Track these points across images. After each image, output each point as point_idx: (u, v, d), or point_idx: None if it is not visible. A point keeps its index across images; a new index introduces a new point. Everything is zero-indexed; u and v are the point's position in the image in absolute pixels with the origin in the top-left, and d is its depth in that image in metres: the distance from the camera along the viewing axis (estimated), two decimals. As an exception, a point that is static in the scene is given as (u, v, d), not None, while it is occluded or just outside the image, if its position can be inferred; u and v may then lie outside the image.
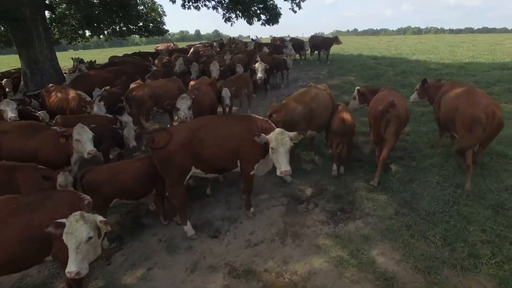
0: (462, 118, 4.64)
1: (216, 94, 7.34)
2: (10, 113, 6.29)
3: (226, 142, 4.30)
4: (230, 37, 22.62)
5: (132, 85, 8.26)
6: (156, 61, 13.33)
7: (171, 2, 14.77)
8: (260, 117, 4.63)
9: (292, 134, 4.17)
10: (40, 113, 6.86)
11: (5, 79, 9.94)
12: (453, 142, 6.01)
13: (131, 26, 14.99)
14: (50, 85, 8.04)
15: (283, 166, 4.00)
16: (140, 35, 16.54)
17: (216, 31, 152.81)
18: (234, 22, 16.99)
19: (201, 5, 16.36)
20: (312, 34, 20.19)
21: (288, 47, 14.84)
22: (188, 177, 4.32)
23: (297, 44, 16.56)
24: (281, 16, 16.69)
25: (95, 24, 11.24)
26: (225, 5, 16.13)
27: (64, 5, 9.92)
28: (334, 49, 20.23)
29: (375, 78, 11.93)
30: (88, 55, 28.89)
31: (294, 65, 14.18)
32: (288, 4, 17.46)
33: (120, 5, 11.08)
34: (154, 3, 17.17)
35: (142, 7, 16.50)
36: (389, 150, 5.10)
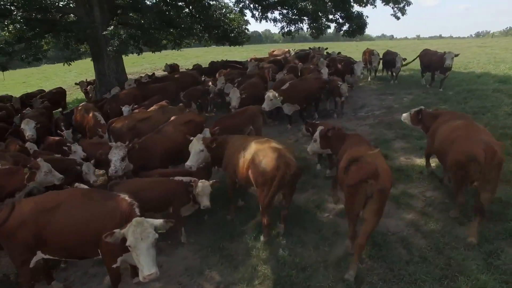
0: (456, 153, 4.39)
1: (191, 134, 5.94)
2: (28, 132, 7.36)
3: (81, 228, 3.57)
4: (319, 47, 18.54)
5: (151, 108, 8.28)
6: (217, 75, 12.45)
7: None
8: (127, 197, 3.77)
9: (157, 222, 3.33)
10: (64, 133, 7.87)
11: (13, 97, 11.98)
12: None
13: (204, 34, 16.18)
14: (83, 103, 9.51)
15: (145, 268, 3.09)
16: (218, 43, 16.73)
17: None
18: (295, 35, 16.08)
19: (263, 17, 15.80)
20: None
21: (355, 68, 11.71)
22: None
23: (388, 59, 13.80)
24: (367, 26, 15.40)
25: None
26: (289, 15, 14.56)
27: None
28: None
29: (476, 113, 8.92)
30: (180, 56, 31.27)
31: (377, 86, 13.26)
32: (389, 9, 15.40)
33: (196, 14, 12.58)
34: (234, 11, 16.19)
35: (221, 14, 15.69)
36: (368, 234, 3.92)
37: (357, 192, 3.79)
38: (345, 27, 14.91)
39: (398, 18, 15.55)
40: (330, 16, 14.39)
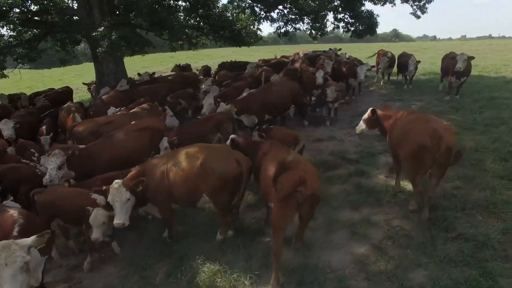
0: (407, 143, 4.56)
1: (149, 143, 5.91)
2: (6, 131, 7.47)
3: None
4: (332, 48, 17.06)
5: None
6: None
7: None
8: (15, 214, 3.56)
9: (30, 240, 3.06)
10: (42, 138, 7.81)
11: (22, 95, 12.21)
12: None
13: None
14: (68, 103, 9.47)
15: None
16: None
17: (394, 30, 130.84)
18: (291, 35, 15.14)
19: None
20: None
21: (358, 72, 10.74)
22: None
23: (401, 62, 12.63)
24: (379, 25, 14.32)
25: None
26: (288, 14, 13.90)
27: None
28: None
29: (488, 126, 7.90)
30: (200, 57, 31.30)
31: (388, 91, 12.41)
32: (408, 7, 14.36)
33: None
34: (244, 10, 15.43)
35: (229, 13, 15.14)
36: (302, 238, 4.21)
37: (288, 204, 3.62)
38: (354, 27, 13.75)
39: (418, 16, 14.27)
40: (339, 16, 13.31)
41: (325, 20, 13.30)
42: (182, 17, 12.34)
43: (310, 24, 13.36)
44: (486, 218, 4.62)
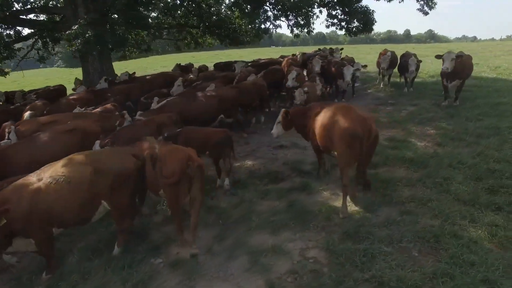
0: (340, 133, 4.58)
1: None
2: None
3: None
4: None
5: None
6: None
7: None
8: None
9: None
10: (1, 142, 6.91)
11: (16, 92, 12.06)
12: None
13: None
14: (34, 102, 9.37)
15: None
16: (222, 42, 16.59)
17: (430, 31, 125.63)
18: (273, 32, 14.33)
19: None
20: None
21: (344, 72, 9.85)
22: None
23: (401, 62, 11.49)
24: (375, 22, 13.26)
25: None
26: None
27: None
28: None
29: (479, 136, 6.87)
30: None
31: (385, 94, 11.49)
32: (415, 3, 13.26)
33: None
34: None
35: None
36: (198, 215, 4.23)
37: (180, 183, 3.92)
38: (352, 24, 12.61)
39: (426, 13, 12.93)
40: (332, 12, 12.27)
41: (312, 17, 12.28)
42: (161, 16, 12.00)
43: (296, 22, 12.41)
44: (422, 255, 3.72)
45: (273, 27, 13.51)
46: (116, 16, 9.75)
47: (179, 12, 12.53)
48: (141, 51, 19.09)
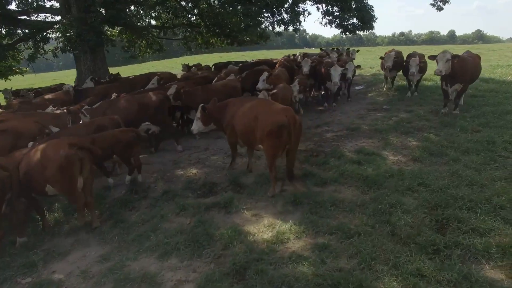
0: (266, 126, 4.59)
1: None
2: None
3: None
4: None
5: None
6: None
7: None
8: None
9: None
10: None
11: (21, 90, 12.00)
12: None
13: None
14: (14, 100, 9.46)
15: None
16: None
17: (478, 31, 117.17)
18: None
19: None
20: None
21: (332, 73, 8.95)
22: None
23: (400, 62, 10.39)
24: (376, 20, 12.14)
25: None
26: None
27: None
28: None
29: (465, 152, 5.71)
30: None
31: (384, 98, 10.36)
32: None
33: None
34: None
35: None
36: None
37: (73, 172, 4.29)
38: (347, 22, 11.38)
39: (440, 8, 11.45)
40: (326, 8, 11.20)
41: (301, 14, 11.28)
42: (143, 13, 11.73)
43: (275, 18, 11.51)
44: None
45: (268, 26, 12.56)
46: (94, 15, 9.59)
47: (168, 12, 12.21)
48: (154, 51, 19.33)
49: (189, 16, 13.86)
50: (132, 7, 13.31)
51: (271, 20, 11.97)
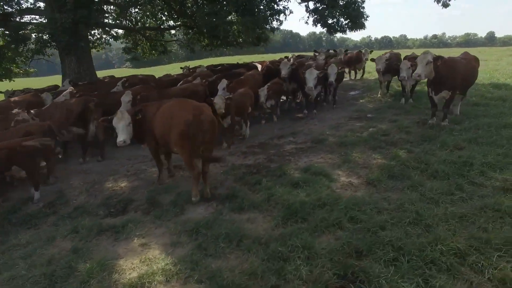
0: (178, 126, 4.47)
1: None
2: None
3: None
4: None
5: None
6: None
7: None
8: None
9: None
10: None
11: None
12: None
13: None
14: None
15: None
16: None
17: None
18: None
19: None
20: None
21: (306, 77, 8.16)
22: None
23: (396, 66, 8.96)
24: (368, 19, 11.11)
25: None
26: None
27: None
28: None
29: (432, 178, 4.43)
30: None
31: (374, 105, 9.42)
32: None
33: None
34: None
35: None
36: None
37: None
38: (332, 20, 10.28)
39: (446, 5, 10.06)
40: (313, 4, 10.13)
41: (282, 13, 10.28)
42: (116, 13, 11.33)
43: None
44: None
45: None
46: (66, 15, 9.31)
47: (154, 12, 11.79)
48: (159, 53, 19.18)
49: (175, 17, 13.33)
50: (111, 7, 13.08)
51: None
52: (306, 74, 8.15)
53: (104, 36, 16.77)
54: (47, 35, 9.34)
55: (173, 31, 18.49)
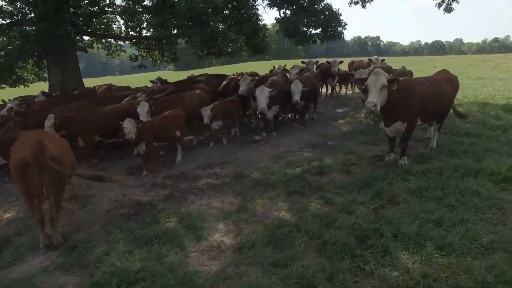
0: (12, 163, 3.92)
1: None
2: None
3: None
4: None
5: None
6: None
7: None
8: None
9: None
10: None
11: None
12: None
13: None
14: None
15: None
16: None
17: None
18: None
19: None
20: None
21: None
22: None
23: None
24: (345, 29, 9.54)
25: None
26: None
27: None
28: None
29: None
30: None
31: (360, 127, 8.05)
32: None
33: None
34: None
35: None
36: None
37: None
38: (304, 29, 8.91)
39: (449, 9, 8.33)
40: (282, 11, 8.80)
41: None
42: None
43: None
44: None
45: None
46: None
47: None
48: (171, 61, 19.12)
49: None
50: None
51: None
52: (256, 92, 7.07)
53: (114, 43, 17.13)
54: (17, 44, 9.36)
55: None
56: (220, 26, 10.14)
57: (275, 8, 9.57)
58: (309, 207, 4.21)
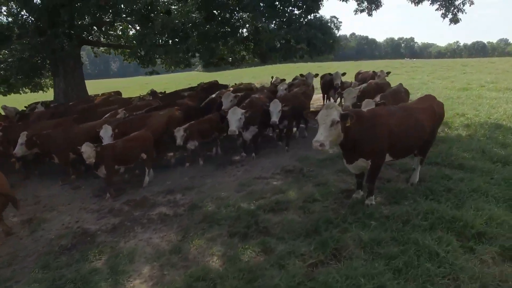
0: None
1: None
2: None
3: None
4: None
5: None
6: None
7: None
8: None
9: None
10: None
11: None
12: None
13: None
14: None
15: None
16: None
17: None
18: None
19: None
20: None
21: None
22: None
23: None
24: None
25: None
26: None
27: None
28: None
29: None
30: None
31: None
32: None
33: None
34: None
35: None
36: None
37: None
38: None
39: (455, 20, 7.52)
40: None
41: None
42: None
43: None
44: None
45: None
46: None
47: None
48: (185, 67, 19.36)
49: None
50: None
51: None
52: (228, 114, 6.71)
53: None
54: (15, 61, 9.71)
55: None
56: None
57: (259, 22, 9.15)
58: (242, 256, 3.79)
